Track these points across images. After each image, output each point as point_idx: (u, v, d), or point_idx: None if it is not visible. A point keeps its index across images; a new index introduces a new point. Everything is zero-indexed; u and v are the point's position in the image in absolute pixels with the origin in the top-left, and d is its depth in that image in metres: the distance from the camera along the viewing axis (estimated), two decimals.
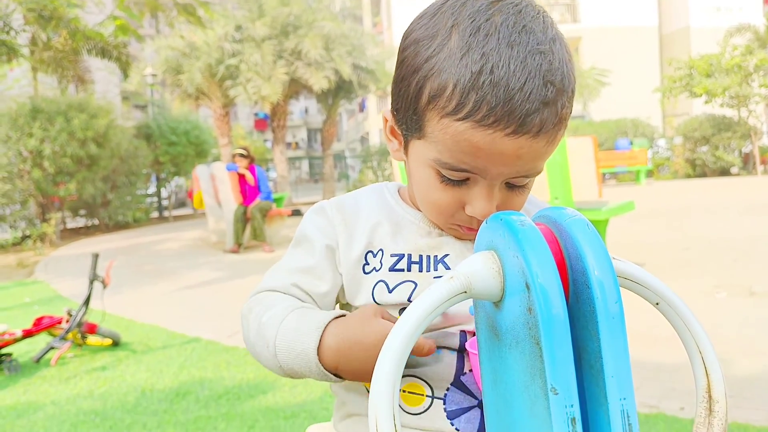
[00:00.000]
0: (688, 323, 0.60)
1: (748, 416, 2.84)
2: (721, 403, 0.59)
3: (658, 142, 22.44)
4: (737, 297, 5.01)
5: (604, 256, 0.54)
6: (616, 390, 0.51)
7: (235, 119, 31.29)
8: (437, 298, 0.57)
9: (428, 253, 0.91)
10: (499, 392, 0.60)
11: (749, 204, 11.39)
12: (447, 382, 0.89)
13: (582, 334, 0.54)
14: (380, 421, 0.53)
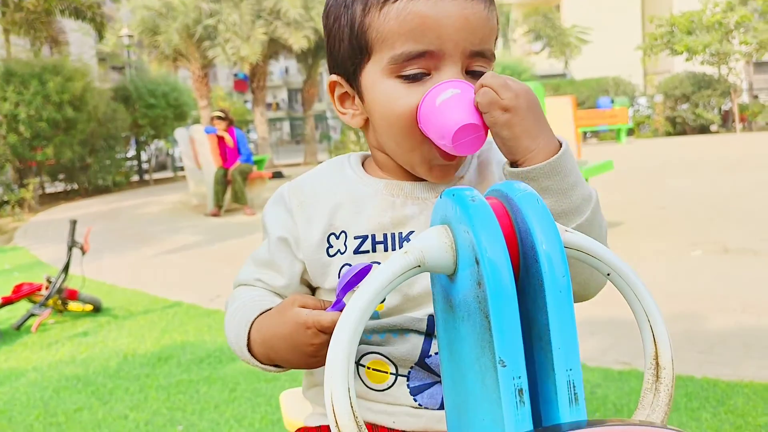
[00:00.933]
0: (637, 293, 0.62)
1: (718, 371, 2.92)
2: (668, 370, 0.61)
3: (638, 100, 22.48)
4: (712, 255, 5.09)
5: (552, 231, 0.54)
6: (562, 361, 0.53)
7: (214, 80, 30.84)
8: (392, 272, 0.58)
9: (392, 230, 0.89)
10: (454, 363, 0.62)
11: (727, 162, 11.51)
12: (411, 362, 0.89)
13: (532, 306, 0.55)
14: (335, 397, 0.54)
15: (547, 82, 23.57)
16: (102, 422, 2.88)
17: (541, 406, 0.56)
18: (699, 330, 3.48)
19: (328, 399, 0.55)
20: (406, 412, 0.89)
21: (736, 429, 2.42)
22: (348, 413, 0.55)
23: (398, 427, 0.90)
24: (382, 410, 0.90)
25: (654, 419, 0.60)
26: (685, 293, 4.12)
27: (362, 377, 0.91)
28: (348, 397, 0.55)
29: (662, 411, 0.60)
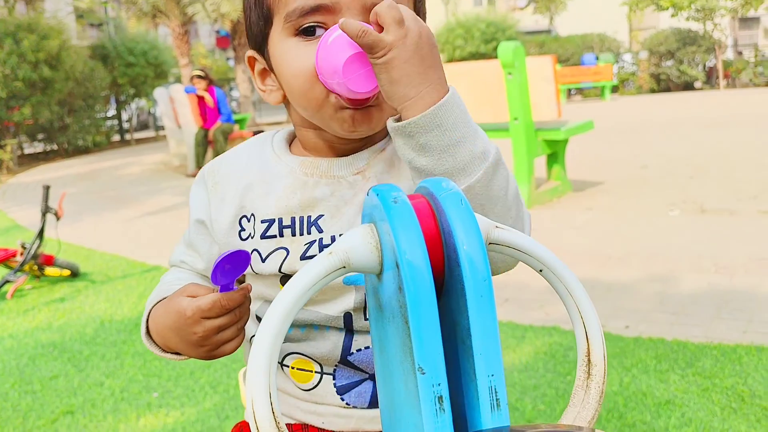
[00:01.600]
0: (571, 289, 0.60)
1: (688, 333, 2.96)
2: (599, 367, 0.61)
3: (623, 57, 22.35)
4: (689, 214, 5.12)
5: (474, 232, 0.53)
6: (484, 367, 0.52)
7: (195, 38, 30.28)
8: (316, 274, 0.56)
9: (301, 214, 0.85)
10: (384, 362, 0.61)
11: (710, 119, 11.52)
12: (334, 361, 0.87)
13: (455, 310, 0.54)
14: (256, 402, 0.53)
15: (531, 38, 23.34)
16: (78, 389, 2.88)
17: (467, 411, 0.55)
18: (672, 291, 3.51)
19: (249, 405, 0.54)
20: (335, 412, 0.88)
21: (703, 391, 2.46)
22: (269, 419, 0.54)
23: (328, 428, 0.88)
24: (312, 410, 0.89)
25: (584, 417, 0.60)
26: (660, 254, 4.15)
27: (288, 377, 0.90)
28: (269, 403, 0.54)
29: (592, 409, 0.60)
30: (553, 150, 6.12)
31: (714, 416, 2.30)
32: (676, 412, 2.34)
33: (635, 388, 2.52)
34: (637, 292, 3.55)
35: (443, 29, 21.52)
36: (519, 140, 5.63)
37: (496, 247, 0.59)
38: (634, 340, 2.92)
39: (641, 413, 2.36)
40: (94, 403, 2.75)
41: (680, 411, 2.35)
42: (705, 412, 2.33)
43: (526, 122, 5.61)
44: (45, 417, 2.66)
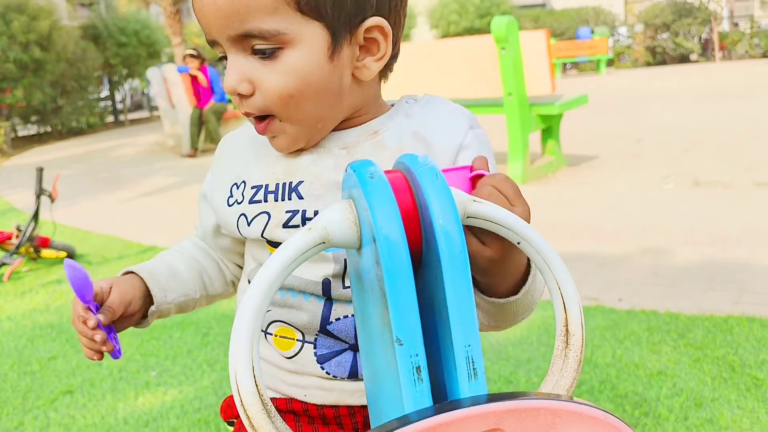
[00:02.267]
0: (548, 260, 0.61)
1: (680, 305, 2.98)
2: (577, 336, 0.62)
3: (619, 30, 22.23)
4: (683, 187, 5.14)
5: (449, 206, 0.54)
6: (461, 337, 0.53)
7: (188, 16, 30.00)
8: (295, 250, 0.57)
9: (283, 180, 0.87)
10: (365, 334, 0.62)
11: (705, 91, 11.50)
12: (315, 330, 0.88)
13: (433, 282, 0.55)
14: (239, 375, 0.54)
15: (526, 13, 23.18)
16: (76, 370, 2.91)
17: (446, 380, 0.56)
18: (665, 264, 3.54)
19: (233, 378, 0.55)
20: (317, 384, 0.89)
21: (695, 361, 2.49)
22: (253, 392, 0.55)
23: (310, 401, 0.90)
24: (294, 383, 0.91)
25: (562, 386, 0.61)
26: (654, 227, 4.17)
27: (271, 345, 0.92)
28: (252, 376, 0.55)
29: (570, 377, 0.61)
30: (547, 125, 6.12)
31: (705, 386, 2.33)
32: (667, 383, 2.37)
33: (628, 360, 2.55)
34: (631, 265, 3.57)
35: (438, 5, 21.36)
36: (513, 115, 5.63)
37: (476, 221, 0.59)
38: (627, 313, 2.95)
39: (633, 384, 2.39)
40: (92, 382, 2.77)
41: (672, 381, 2.38)
42: (696, 382, 2.36)
43: (520, 97, 5.60)
44: (44, 397, 2.68)
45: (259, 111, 0.81)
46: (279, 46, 0.77)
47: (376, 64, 0.82)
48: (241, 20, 0.76)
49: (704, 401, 2.24)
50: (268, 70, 0.78)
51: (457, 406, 0.51)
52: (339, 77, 0.80)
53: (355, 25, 0.79)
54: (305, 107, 0.80)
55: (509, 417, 0.51)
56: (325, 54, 0.78)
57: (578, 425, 0.53)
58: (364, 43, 0.80)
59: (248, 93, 0.80)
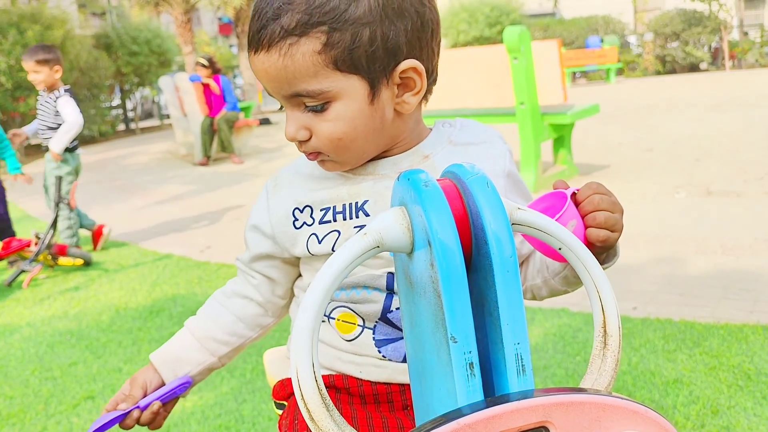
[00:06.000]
0: (587, 265, 0.65)
1: (695, 313, 3.00)
2: (615, 338, 0.65)
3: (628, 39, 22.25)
4: (695, 197, 5.15)
5: (500, 213, 0.57)
6: (510, 335, 0.57)
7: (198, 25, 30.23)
8: (352, 253, 0.61)
9: (349, 201, 0.96)
10: (415, 334, 0.66)
11: (715, 101, 11.49)
12: (375, 317, 0.97)
13: (483, 284, 0.59)
14: (301, 372, 0.58)
15: (535, 22, 23.24)
16: (97, 376, 2.95)
17: (494, 376, 0.59)
18: (679, 272, 3.55)
19: (294, 374, 0.59)
20: (372, 362, 0.98)
21: (711, 370, 2.51)
22: (313, 387, 0.58)
23: (365, 377, 0.98)
24: (350, 360, 0.99)
25: (600, 384, 0.64)
26: (667, 236, 4.18)
27: (333, 328, 1.00)
28: (312, 372, 0.59)
29: (608, 376, 0.65)
30: (559, 134, 6.14)
31: (721, 394, 2.35)
32: (683, 391, 2.39)
33: (643, 368, 2.57)
34: (645, 273, 3.59)
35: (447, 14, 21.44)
36: (525, 125, 5.66)
37: (521, 227, 0.63)
38: (641, 321, 2.97)
39: (650, 392, 2.41)
40: (113, 388, 2.81)
41: (688, 389, 2.40)
42: (712, 390, 2.37)
43: (533, 107, 5.63)
44: (66, 402, 2.72)
45: (314, 150, 0.93)
46: (326, 101, 0.87)
47: (414, 98, 0.91)
48: (289, 84, 0.87)
49: (721, 409, 2.26)
50: (319, 119, 0.89)
51: (507, 400, 0.55)
52: (381, 115, 0.90)
53: (390, 71, 0.87)
54: (352, 146, 0.91)
55: (557, 410, 0.55)
56: (366, 100, 0.88)
57: (622, 419, 0.56)
58: (401, 81, 0.89)
59: (306, 139, 0.91)
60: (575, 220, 0.82)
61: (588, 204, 0.84)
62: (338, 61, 0.85)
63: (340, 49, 0.84)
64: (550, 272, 0.96)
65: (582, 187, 0.86)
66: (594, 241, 0.83)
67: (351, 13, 0.83)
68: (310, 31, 0.84)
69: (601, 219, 0.83)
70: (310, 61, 0.84)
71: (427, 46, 0.90)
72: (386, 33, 0.85)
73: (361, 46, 0.84)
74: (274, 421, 2.42)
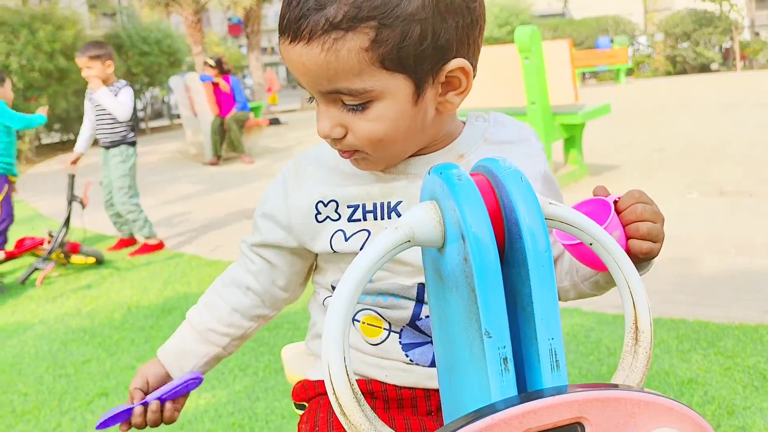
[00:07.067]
0: (619, 261, 0.64)
1: (709, 314, 2.99)
2: (646, 334, 0.65)
3: (639, 39, 22.17)
4: (707, 197, 5.13)
5: (534, 208, 0.57)
6: (545, 331, 0.56)
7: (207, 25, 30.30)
8: (383, 247, 0.61)
9: (381, 200, 0.92)
10: (445, 330, 0.65)
11: (726, 101, 11.43)
12: (403, 323, 0.94)
13: (517, 278, 0.58)
14: (332, 365, 0.58)
15: (545, 22, 23.19)
16: (110, 373, 2.96)
17: (526, 371, 0.59)
18: (693, 273, 3.54)
19: (325, 370, 0.59)
20: (398, 366, 0.95)
21: (726, 370, 2.50)
22: (345, 382, 0.58)
23: (390, 382, 0.95)
24: (376, 363, 0.96)
25: (632, 381, 0.64)
26: (680, 236, 4.16)
27: (358, 331, 0.97)
28: (344, 367, 0.58)
29: (640, 372, 0.64)
30: (570, 134, 6.12)
31: (736, 394, 2.33)
32: (698, 391, 2.38)
33: (658, 368, 2.56)
34: (658, 273, 3.57)
35: None
36: (536, 125, 5.64)
37: (552, 222, 0.63)
38: (655, 321, 2.96)
39: (664, 392, 2.39)
40: (126, 385, 2.81)
41: (703, 389, 2.38)
42: (727, 390, 2.36)
43: (543, 106, 5.62)
44: (80, 399, 2.73)
45: (350, 148, 0.88)
46: (368, 100, 0.82)
47: (458, 98, 0.87)
48: (329, 80, 0.81)
49: (736, 409, 2.24)
50: (358, 118, 0.84)
51: (542, 395, 0.55)
52: (423, 116, 0.85)
53: (437, 70, 0.83)
54: (392, 147, 0.87)
55: (592, 406, 0.54)
56: (410, 101, 0.83)
57: (657, 415, 0.56)
58: (446, 80, 0.84)
59: (340, 137, 0.86)
60: (618, 230, 0.80)
61: (630, 213, 0.81)
62: (385, 59, 0.79)
63: (389, 47, 0.78)
64: (580, 276, 0.93)
65: (624, 196, 0.83)
66: (637, 252, 0.80)
67: (403, 8, 0.77)
68: (358, 26, 0.77)
69: (644, 230, 0.81)
70: (355, 58, 0.78)
71: (474, 43, 0.86)
72: (437, 30, 0.79)
73: (410, 44, 0.78)
74: (287, 419, 2.42)
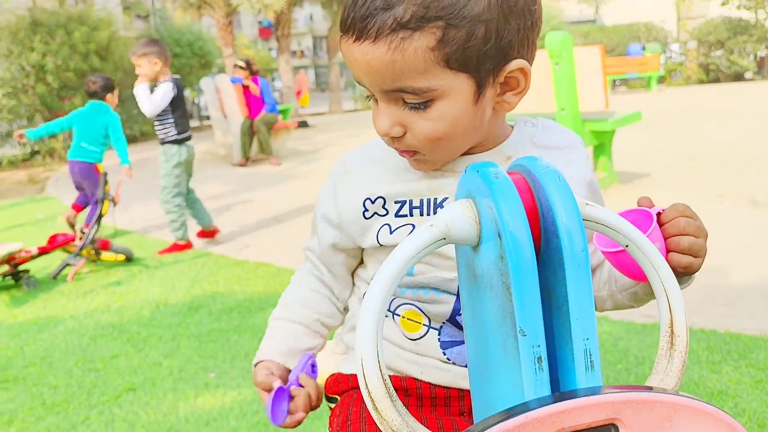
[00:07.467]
0: (655, 264, 0.64)
1: (741, 325, 2.94)
2: (682, 338, 0.64)
3: (671, 46, 21.90)
4: (739, 207, 5.04)
5: (572, 207, 0.57)
6: (580, 331, 0.56)
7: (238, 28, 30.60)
8: (419, 243, 0.61)
9: (428, 196, 0.94)
10: (477, 328, 0.65)
11: (761, 110, 11.23)
12: (443, 318, 0.95)
13: (552, 278, 0.58)
14: (366, 361, 0.58)
15: (576, 28, 23.03)
16: (138, 369, 2.99)
17: (559, 371, 0.59)
18: (723, 283, 3.48)
19: (359, 364, 0.59)
20: (435, 365, 0.95)
21: (757, 383, 2.45)
22: (378, 377, 0.58)
23: (425, 379, 0.96)
24: (413, 360, 0.96)
25: (667, 384, 0.63)
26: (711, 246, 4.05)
27: (398, 325, 0.98)
28: (377, 362, 0.59)
29: (675, 377, 0.63)
30: (600, 141, 6.07)
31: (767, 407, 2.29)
32: (729, 402, 2.34)
33: (688, 378, 2.52)
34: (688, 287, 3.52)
35: None
36: None
37: (588, 223, 0.62)
38: None
39: None
40: (154, 381, 2.85)
41: (733, 401, 2.34)
42: (759, 403, 2.32)
43: (573, 113, 5.57)
44: (108, 393, 2.77)
45: (408, 148, 0.89)
46: (430, 99, 0.83)
47: (515, 98, 0.88)
48: (394, 79, 0.82)
49: (767, 422, 2.20)
50: (418, 116, 0.85)
51: (576, 396, 0.54)
52: (482, 115, 0.87)
53: (498, 70, 0.84)
54: (450, 145, 0.88)
55: (626, 408, 0.54)
56: (471, 100, 0.84)
57: (693, 420, 0.55)
58: (505, 80, 0.86)
59: (399, 135, 0.87)
60: (659, 242, 0.80)
61: (672, 227, 0.81)
62: (450, 58, 0.80)
63: (455, 47, 0.80)
64: (618, 286, 0.93)
65: (668, 208, 0.83)
66: (676, 266, 0.80)
67: (470, 9, 0.78)
68: (426, 25, 0.78)
69: (685, 245, 0.80)
70: (421, 57, 0.80)
71: (532, 44, 0.87)
72: (501, 31, 0.81)
73: (475, 44, 0.80)
74: (311, 419, 2.43)
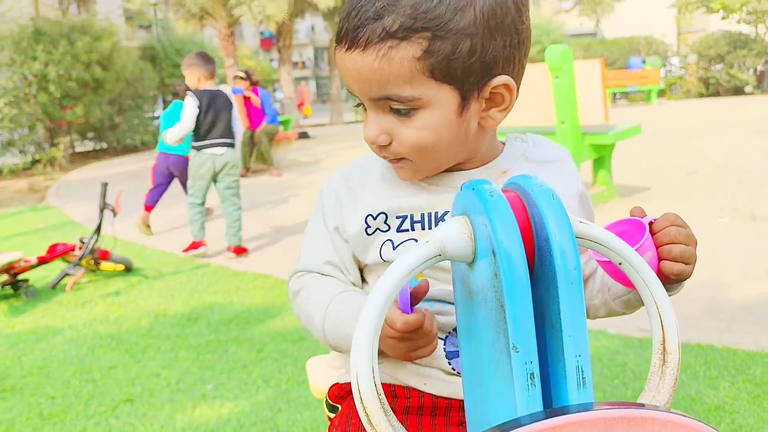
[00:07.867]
0: (647, 281, 0.65)
1: (738, 340, 2.94)
2: (674, 355, 0.65)
3: (671, 60, 21.99)
4: (739, 221, 5.05)
5: (565, 225, 0.58)
6: (572, 348, 0.57)
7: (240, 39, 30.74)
8: (414, 260, 0.61)
9: (429, 210, 0.95)
10: (471, 344, 0.66)
11: (761, 125, 11.26)
12: (449, 328, 0.95)
13: (545, 295, 0.59)
14: (360, 376, 0.59)
15: (577, 41, 23.12)
16: (136, 380, 2.99)
17: (552, 387, 0.59)
18: (722, 298, 3.48)
19: (354, 378, 0.60)
20: (438, 376, 0.95)
21: (754, 398, 2.45)
22: (372, 392, 0.59)
23: (428, 390, 0.95)
24: (416, 371, 0.96)
25: (659, 401, 0.64)
26: (710, 261, 4.10)
27: None
28: (372, 377, 0.59)
29: (667, 393, 0.64)
30: (599, 154, 6.09)
31: (765, 423, 2.29)
32: (726, 418, 2.34)
33: (684, 393, 2.52)
34: (686, 298, 3.52)
35: None
36: (565, 144, 5.61)
37: (581, 241, 0.63)
38: (682, 346, 2.90)
39: None
40: (151, 392, 2.85)
41: (730, 417, 2.34)
42: (756, 419, 2.32)
43: (573, 126, 5.59)
44: (106, 404, 2.77)
45: (395, 156, 0.92)
46: (415, 107, 0.86)
47: (500, 114, 0.91)
48: (381, 87, 0.86)
49: None
50: (404, 125, 0.88)
51: (567, 412, 0.55)
52: (466, 128, 0.89)
53: (483, 85, 0.87)
54: (434, 155, 0.90)
55: (617, 425, 0.54)
56: (455, 112, 0.87)
57: None
58: (490, 96, 0.89)
59: (386, 144, 0.90)
60: (651, 251, 0.82)
61: (664, 236, 0.84)
62: (435, 69, 0.84)
63: (440, 58, 0.83)
64: (612, 294, 0.95)
65: (659, 218, 0.87)
66: (668, 274, 0.83)
67: (456, 22, 0.82)
68: (413, 36, 0.82)
69: (676, 252, 0.83)
70: (407, 66, 0.83)
71: (519, 63, 0.90)
72: (486, 46, 0.84)
73: (460, 57, 0.83)
74: (312, 428, 2.43)
